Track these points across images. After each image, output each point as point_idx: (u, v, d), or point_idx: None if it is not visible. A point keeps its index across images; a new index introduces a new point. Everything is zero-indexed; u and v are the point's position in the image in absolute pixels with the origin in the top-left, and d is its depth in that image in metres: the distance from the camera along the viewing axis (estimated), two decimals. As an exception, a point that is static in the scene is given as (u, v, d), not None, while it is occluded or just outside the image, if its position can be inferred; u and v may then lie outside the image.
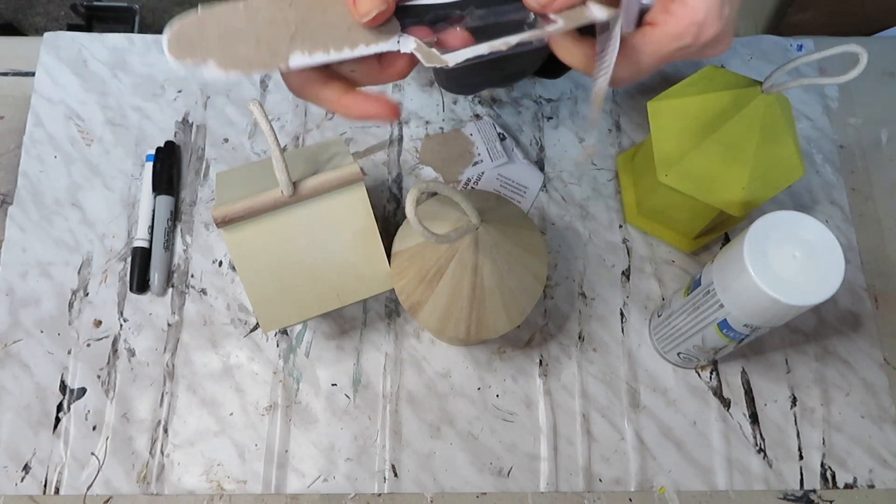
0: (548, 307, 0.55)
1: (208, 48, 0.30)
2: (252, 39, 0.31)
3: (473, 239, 0.40)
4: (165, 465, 0.50)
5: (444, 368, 0.53)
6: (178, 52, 0.30)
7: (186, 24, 0.30)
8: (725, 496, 0.51)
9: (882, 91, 0.64)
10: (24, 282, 0.55)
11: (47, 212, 0.57)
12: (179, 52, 0.30)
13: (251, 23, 0.31)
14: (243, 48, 0.31)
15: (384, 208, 0.57)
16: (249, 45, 0.31)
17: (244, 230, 0.43)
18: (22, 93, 0.61)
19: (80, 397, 0.52)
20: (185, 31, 0.30)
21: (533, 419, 0.52)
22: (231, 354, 0.53)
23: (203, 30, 0.30)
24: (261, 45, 0.31)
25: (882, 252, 0.58)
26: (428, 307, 0.43)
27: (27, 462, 0.50)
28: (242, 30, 0.31)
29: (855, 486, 0.51)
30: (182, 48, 0.30)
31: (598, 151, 0.60)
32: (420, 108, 0.61)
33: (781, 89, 0.45)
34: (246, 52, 0.31)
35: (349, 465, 0.51)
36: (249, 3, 0.31)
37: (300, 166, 0.45)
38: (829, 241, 0.39)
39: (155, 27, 1.47)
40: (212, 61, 0.30)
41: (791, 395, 0.53)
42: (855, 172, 0.60)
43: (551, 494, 0.50)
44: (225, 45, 0.30)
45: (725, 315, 0.42)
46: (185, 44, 0.30)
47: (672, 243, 0.57)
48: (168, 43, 0.30)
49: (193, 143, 0.60)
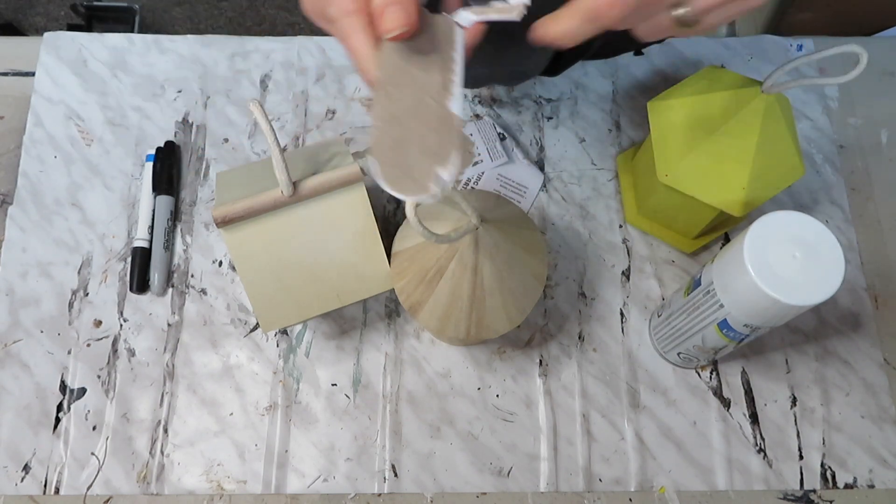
0: (548, 307, 0.55)
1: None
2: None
3: (473, 239, 0.40)
4: (165, 465, 0.50)
5: (444, 368, 0.53)
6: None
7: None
8: (725, 496, 0.51)
9: (882, 91, 0.64)
10: (24, 282, 0.55)
11: (47, 212, 0.57)
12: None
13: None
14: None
15: (384, 208, 0.57)
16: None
17: (244, 230, 0.43)
18: (22, 93, 0.61)
19: (80, 397, 0.52)
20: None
21: (533, 419, 0.52)
22: (231, 354, 0.53)
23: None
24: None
25: (882, 252, 0.58)
26: (428, 307, 0.43)
27: (27, 462, 0.50)
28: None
29: (855, 486, 0.51)
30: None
31: (599, 151, 0.60)
32: (420, 108, 0.61)
33: (781, 89, 0.45)
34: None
35: (349, 465, 0.51)
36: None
37: (300, 166, 0.45)
38: (829, 241, 0.39)
39: (155, 27, 1.47)
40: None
41: (791, 395, 0.53)
42: (855, 172, 0.60)
43: (551, 494, 0.50)
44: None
45: (725, 315, 0.42)
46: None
47: (672, 243, 0.57)
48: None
49: (193, 143, 0.60)
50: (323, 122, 0.61)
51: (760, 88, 0.46)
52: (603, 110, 0.62)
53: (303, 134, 0.60)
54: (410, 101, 0.32)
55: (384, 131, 0.32)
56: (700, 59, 0.64)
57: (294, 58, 0.63)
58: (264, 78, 0.62)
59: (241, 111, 0.61)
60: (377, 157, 0.31)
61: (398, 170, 0.31)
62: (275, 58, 0.63)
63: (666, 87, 0.52)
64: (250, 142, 0.60)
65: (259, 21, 1.50)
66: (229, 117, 0.61)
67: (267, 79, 0.62)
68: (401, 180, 0.31)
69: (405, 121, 0.32)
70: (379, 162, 0.31)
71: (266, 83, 0.62)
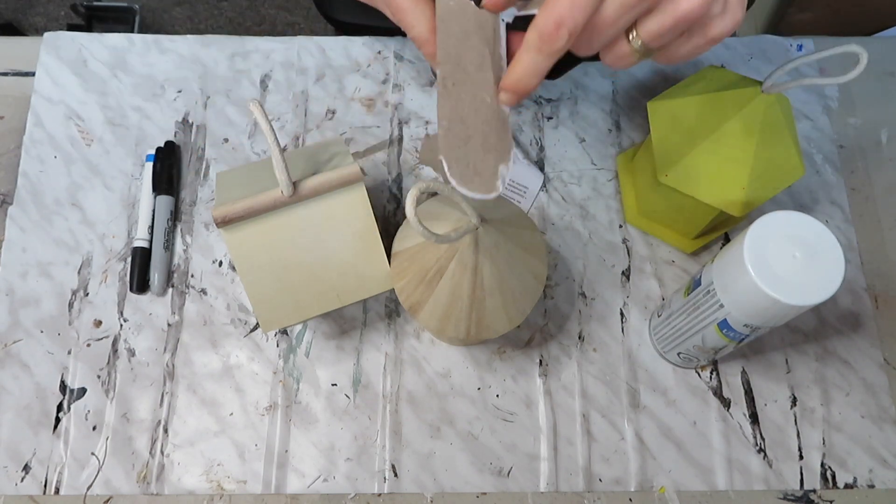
0: (548, 307, 0.55)
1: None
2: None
3: (473, 239, 0.40)
4: (165, 465, 0.50)
5: (444, 368, 0.53)
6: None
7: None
8: (725, 496, 0.51)
9: (882, 91, 0.64)
10: (24, 282, 0.55)
11: (47, 212, 0.57)
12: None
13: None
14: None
15: (384, 208, 0.57)
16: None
17: (244, 230, 0.43)
18: (22, 93, 0.61)
19: (80, 397, 0.52)
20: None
21: (533, 419, 0.52)
22: (231, 354, 0.53)
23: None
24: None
25: (882, 252, 0.58)
26: (428, 307, 0.43)
27: (27, 462, 0.50)
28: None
29: (855, 486, 0.51)
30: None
31: (599, 151, 0.60)
32: (420, 108, 0.61)
33: (781, 89, 0.45)
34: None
35: (349, 465, 0.51)
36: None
37: (300, 166, 0.45)
38: (829, 241, 0.39)
39: (155, 27, 1.47)
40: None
41: (791, 395, 0.53)
42: (855, 172, 0.60)
43: (551, 494, 0.50)
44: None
45: (725, 315, 0.42)
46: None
47: (672, 243, 0.57)
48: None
49: (193, 143, 0.60)
50: (323, 122, 0.61)
51: (760, 88, 0.46)
52: (603, 110, 0.62)
53: (303, 134, 0.60)
54: (469, 98, 0.32)
55: (451, 130, 0.32)
56: (700, 59, 0.64)
57: (294, 58, 0.63)
58: (264, 78, 0.62)
59: (241, 111, 0.61)
60: (446, 157, 0.32)
61: (466, 168, 0.31)
62: (275, 58, 0.63)
63: (666, 87, 0.52)
64: (250, 142, 0.60)
65: (259, 21, 1.50)
66: (229, 117, 0.61)
67: (267, 79, 0.62)
68: (470, 179, 0.31)
69: (467, 119, 0.32)
70: (447, 161, 0.31)
71: (266, 83, 0.62)
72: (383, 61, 0.63)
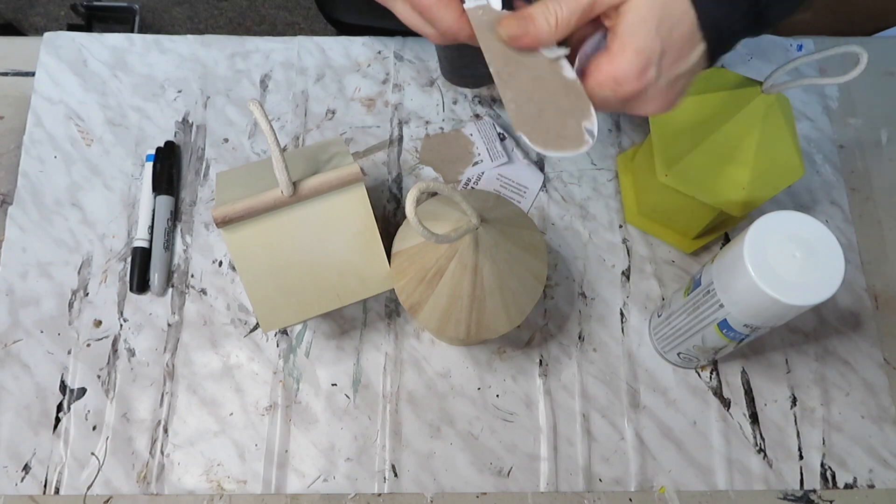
0: (548, 307, 0.55)
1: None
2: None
3: (473, 239, 0.40)
4: (165, 465, 0.50)
5: (444, 368, 0.53)
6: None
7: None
8: (725, 496, 0.51)
9: (882, 91, 0.64)
10: (24, 282, 0.55)
11: (47, 212, 0.57)
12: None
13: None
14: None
15: (384, 208, 0.57)
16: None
17: (244, 230, 0.43)
18: (22, 93, 0.61)
19: (80, 397, 0.52)
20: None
21: (533, 419, 0.52)
22: (231, 354, 0.53)
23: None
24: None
25: (882, 252, 0.58)
26: (428, 307, 0.43)
27: (27, 462, 0.50)
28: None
29: (855, 486, 0.51)
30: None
31: (599, 151, 0.60)
32: (420, 108, 0.61)
33: (781, 89, 0.45)
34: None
35: (349, 465, 0.51)
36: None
37: (300, 166, 0.45)
38: (829, 241, 0.39)
39: (155, 27, 1.47)
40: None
41: (791, 395, 0.53)
42: (855, 172, 0.60)
43: (551, 494, 0.50)
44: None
45: (725, 315, 0.42)
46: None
47: (672, 243, 0.57)
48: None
49: (193, 143, 0.60)
50: (323, 122, 0.61)
51: (760, 88, 0.46)
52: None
53: (303, 134, 0.60)
54: (528, 80, 0.34)
55: (520, 109, 0.34)
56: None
57: (294, 58, 0.63)
58: (264, 78, 0.62)
59: (241, 111, 0.61)
60: (524, 132, 0.34)
61: (548, 134, 0.34)
62: (275, 58, 0.63)
63: (666, 87, 0.52)
64: (250, 142, 0.60)
65: (259, 21, 1.50)
66: (229, 117, 0.61)
67: (267, 79, 0.62)
68: (555, 141, 0.34)
69: (534, 96, 0.34)
70: (527, 134, 0.34)
71: (266, 83, 0.62)
72: (383, 61, 0.63)
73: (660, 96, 0.35)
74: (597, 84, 0.34)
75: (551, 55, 0.34)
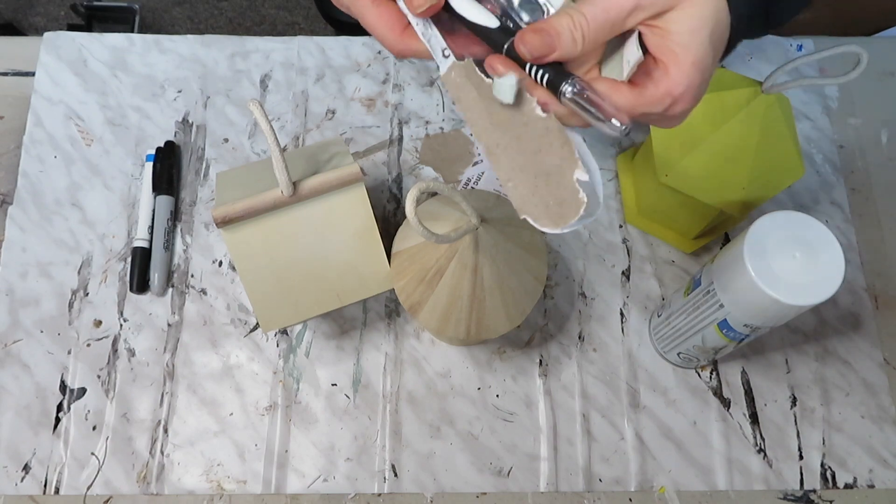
0: (548, 307, 0.55)
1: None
2: None
3: (473, 239, 0.40)
4: (165, 465, 0.50)
5: (444, 368, 0.53)
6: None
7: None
8: (725, 496, 0.51)
9: (882, 91, 0.64)
10: (24, 282, 0.55)
11: (47, 212, 0.57)
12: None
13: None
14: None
15: (384, 208, 0.57)
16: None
17: (244, 230, 0.43)
18: (22, 93, 0.61)
19: (80, 397, 0.52)
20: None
21: (533, 419, 0.52)
22: (231, 354, 0.53)
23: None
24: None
25: (882, 252, 0.58)
26: (428, 307, 0.43)
27: (27, 462, 0.50)
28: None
29: (855, 486, 0.51)
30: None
31: (599, 151, 0.60)
32: (420, 108, 0.61)
33: (781, 89, 0.45)
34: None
35: (349, 465, 0.51)
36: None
37: (300, 166, 0.45)
38: (829, 241, 0.39)
39: (155, 27, 1.47)
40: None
41: (791, 395, 0.53)
42: (855, 172, 0.60)
43: (551, 494, 0.50)
44: None
45: (725, 315, 0.42)
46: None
47: (672, 243, 0.57)
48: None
49: (193, 143, 0.60)
50: (323, 122, 0.61)
51: (760, 88, 0.46)
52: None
53: (303, 134, 0.60)
54: (518, 147, 0.32)
55: (517, 187, 0.33)
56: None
57: (294, 58, 0.63)
58: (264, 78, 0.62)
59: (241, 111, 0.61)
60: (528, 214, 0.32)
61: (548, 208, 0.32)
62: (275, 58, 0.63)
63: (666, 87, 0.51)
64: (250, 142, 0.60)
65: (259, 21, 1.50)
66: (229, 117, 0.61)
67: (267, 79, 0.62)
68: (559, 214, 0.32)
69: (526, 166, 0.32)
70: (531, 217, 0.32)
71: (266, 83, 0.62)
72: (383, 61, 0.63)
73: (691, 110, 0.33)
74: (648, 102, 0.31)
75: (533, 106, 0.32)
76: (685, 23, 0.30)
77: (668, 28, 0.30)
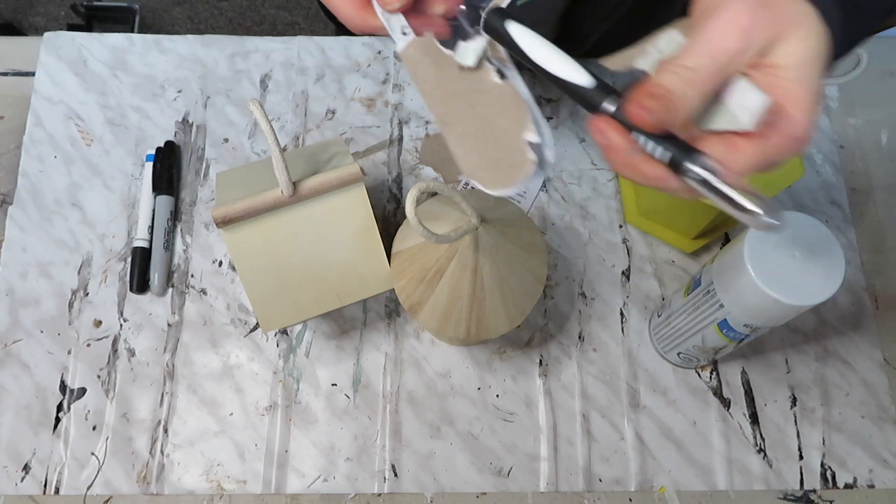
0: (548, 307, 0.55)
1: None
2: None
3: (473, 239, 0.40)
4: (165, 465, 0.50)
5: (444, 368, 0.53)
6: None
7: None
8: (725, 496, 0.51)
9: (882, 91, 0.64)
10: (24, 282, 0.55)
11: (47, 212, 0.57)
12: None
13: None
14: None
15: (384, 208, 0.57)
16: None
17: (244, 230, 0.43)
18: (22, 93, 0.61)
19: (80, 397, 0.52)
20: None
21: (533, 419, 0.52)
22: (231, 354, 0.53)
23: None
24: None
25: (882, 252, 0.58)
26: (428, 307, 0.43)
27: (27, 462, 0.50)
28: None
29: (855, 486, 0.51)
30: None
31: (599, 151, 0.60)
32: (420, 107, 0.61)
33: (781, 89, 0.45)
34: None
35: (349, 465, 0.51)
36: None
37: (300, 166, 0.45)
38: (829, 241, 0.39)
39: (155, 27, 1.47)
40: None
41: (791, 395, 0.53)
42: (855, 172, 0.60)
43: (551, 494, 0.50)
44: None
45: (725, 315, 0.42)
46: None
47: (672, 243, 0.57)
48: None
49: (193, 143, 0.60)
50: (323, 122, 0.61)
51: (760, 88, 0.46)
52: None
53: (303, 134, 0.60)
54: (468, 110, 0.32)
55: (468, 154, 0.32)
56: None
57: (294, 58, 0.63)
58: (264, 78, 0.62)
59: (241, 111, 0.61)
60: (476, 178, 0.32)
61: (498, 171, 0.31)
62: (275, 58, 0.63)
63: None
64: (250, 142, 0.60)
65: (259, 21, 1.50)
66: (229, 117, 0.61)
67: (267, 79, 0.62)
68: (508, 177, 0.31)
69: (477, 133, 0.32)
70: (479, 180, 0.32)
71: (266, 83, 0.62)
72: (383, 61, 0.63)
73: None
74: (772, 153, 0.28)
75: (496, 78, 0.31)
76: (795, 54, 0.27)
77: (777, 63, 0.27)
